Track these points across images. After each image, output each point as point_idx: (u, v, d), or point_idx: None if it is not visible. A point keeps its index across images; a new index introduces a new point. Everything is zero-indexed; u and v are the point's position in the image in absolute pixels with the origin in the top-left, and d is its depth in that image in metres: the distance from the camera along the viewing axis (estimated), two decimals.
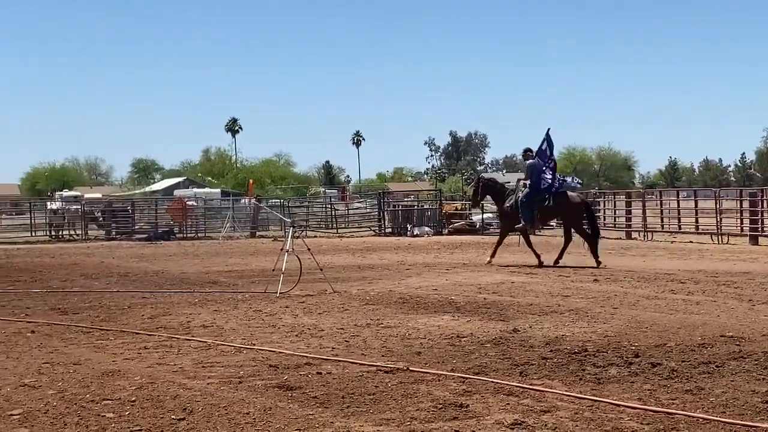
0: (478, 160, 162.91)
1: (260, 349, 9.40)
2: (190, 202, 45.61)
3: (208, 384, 7.68)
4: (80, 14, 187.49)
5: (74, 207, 42.94)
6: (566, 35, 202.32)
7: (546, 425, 6.27)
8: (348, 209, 51.21)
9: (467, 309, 12.56)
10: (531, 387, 7.43)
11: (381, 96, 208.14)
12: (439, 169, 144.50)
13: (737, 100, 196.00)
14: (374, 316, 11.93)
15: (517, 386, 7.45)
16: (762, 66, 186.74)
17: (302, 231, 19.86)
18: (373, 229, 41.97)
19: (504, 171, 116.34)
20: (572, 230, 20.85)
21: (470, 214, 40.14)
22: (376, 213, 43.58)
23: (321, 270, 15.84)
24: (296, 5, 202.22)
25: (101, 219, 42.55)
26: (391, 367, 8.30)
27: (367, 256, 24.84)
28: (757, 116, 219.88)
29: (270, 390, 7.43)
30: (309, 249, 16.04)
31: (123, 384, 7.70)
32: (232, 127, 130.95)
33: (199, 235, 41.39)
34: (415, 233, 37.66)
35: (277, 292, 14.55)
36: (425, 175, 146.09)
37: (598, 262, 19.47)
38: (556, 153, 21.27)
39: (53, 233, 40.76)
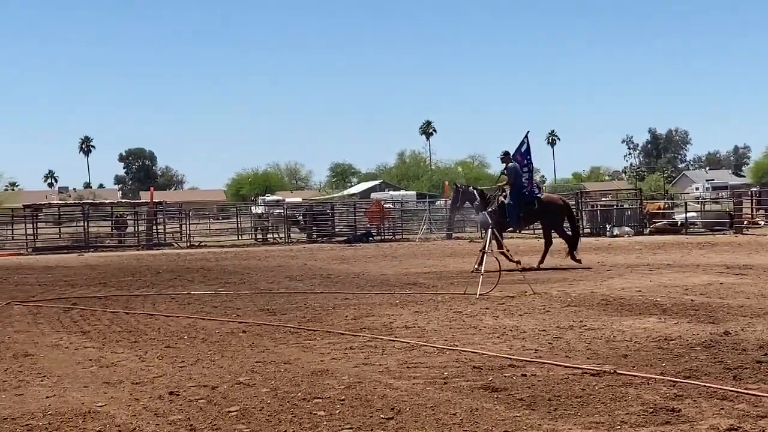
0: (679, 157, 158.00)
1: (463, 350, 9.43)
2: (387, 205, 46.28)
3: (413, 384, 7.77)
4: (285, 25, 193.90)
5: (277, 211, 44.43)
6: None
7: (764, 431, 6.00)
8: None
9: (674, 311, 12.18)
10: (746, 392, 7.13)
11: (575, 95, 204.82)
12: (638, 168, 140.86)
13: None
14: (577, 318, 11.75)
15: (731, 390, 7.16)
16: None
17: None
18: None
19: (707, 168, 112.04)
20: (553, 232, 21.05)
21: (673, 213, 38.87)
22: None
23: (520, 271, 15.72)
24: (485, 6, 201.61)
25: (302, 222, 43.79)
26: (597, 370, 8.15)
27: (566, 257, 24.44)
28: None
29: (475, 391, 7.45)
30: (507, 250, 15.95)
31: (332, 383, 7.90)
32: (427, 130, 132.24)
33: (396, 237, 41.95)
34: (614, 233, 36.80)
35: (476, 294, 14.55)
36: (623, 174, 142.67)
37: (578, 261, 19.93)
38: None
39: (258, 236, 42.33)
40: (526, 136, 20.68)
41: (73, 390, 7.97)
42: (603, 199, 50.21)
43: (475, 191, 21.21)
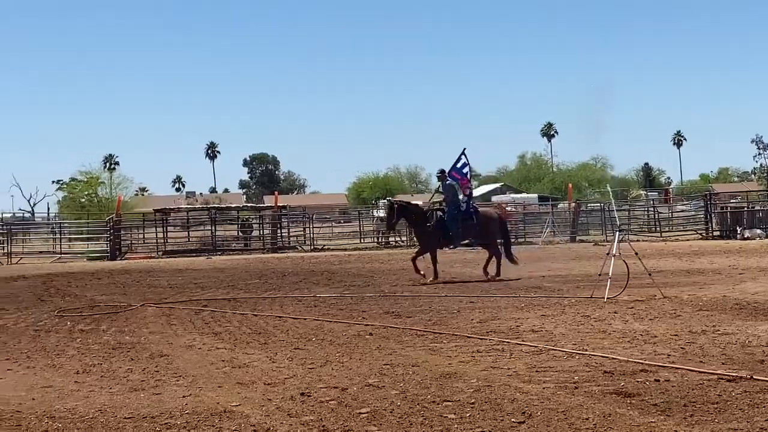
0: None
1: (593, 355, 9.29)
2: (508, 208, 45.97)
3: (543, 388, 7.70)
4: (404, 29, 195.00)
5: None
6: None
7: None
8: (671, 212, 49.49)
9: None
10: None
11: (702, 94, 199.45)
12: None
13: None
14: (709, 323, 11.45)
15: None
16: None
17: (625, 235, 19.39)
18: (699, 232, 40.21)
19: None
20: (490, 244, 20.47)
21: None
22: (702, 215, 41.72)
23: (649, 275, 15.40)
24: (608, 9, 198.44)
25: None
26: (733, 376, 7.93)
27: (696, 260, 23.90)
28: None
29: (607, 396, 7.33)
30: (636, 253, 15.64)
31: (461, 386, 7.89)
32: (548, 132, 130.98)
33: (518, 240, 41.62)
34: (745, 236, 35.71)
35: (604, 297, 14.33)
36: (752, 175, 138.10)
37: (496, 275, 19.67)
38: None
39: (380, 240, 42.59)
40: (463, 152, 20.36)
41: (208, 390, 8.17)
42: (732, 200, 48.80)
43: (410, 207, 20.86)
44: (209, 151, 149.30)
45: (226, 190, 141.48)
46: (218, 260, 34.67)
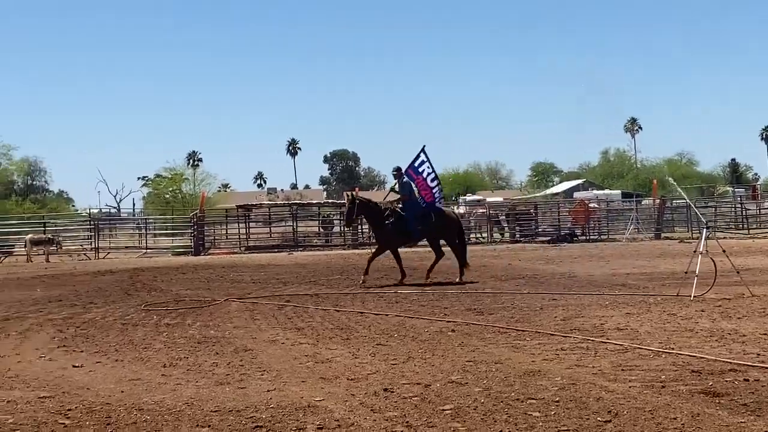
0: None
1: (680, 354, 9.13)
2: (592, 204, 45.48)
3: (629, 387, 7.58)
4: (486, 28, 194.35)
5: (480, 211, 44.46)
6: None
7: None
8: (759, 209, 48.39)
9: None
10: None
11: None
12: None
13: None
14: None
15: None
16: None
17: (711, 232, 19.01)
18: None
19: None
20: (441, 245, 20.21)
21: None
22: None
23: (737, 272, 15.08)
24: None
25: (506, 222, 43.64)
26: None
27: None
28: None
29: (695, 396, 7.19)
30: (724, 251, 15.32)
31: (545, 384, 7.82)
32: (631, 128, 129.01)
33: (601, 237, 41.18)
34: None
35: (690, 295, 14.07)
36: None
37: (461, 275, 19.37)
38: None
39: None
40: (422, 150, 19.87)
41: (292, 384, 8.23)
42: None
43: (370, 204, 20.12)
44: (290, 148, 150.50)
45: (306, 187, 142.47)
46: (300, 256, 34.98)
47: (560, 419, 6.59)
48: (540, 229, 42.89)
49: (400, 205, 19.69)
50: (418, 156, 19.98)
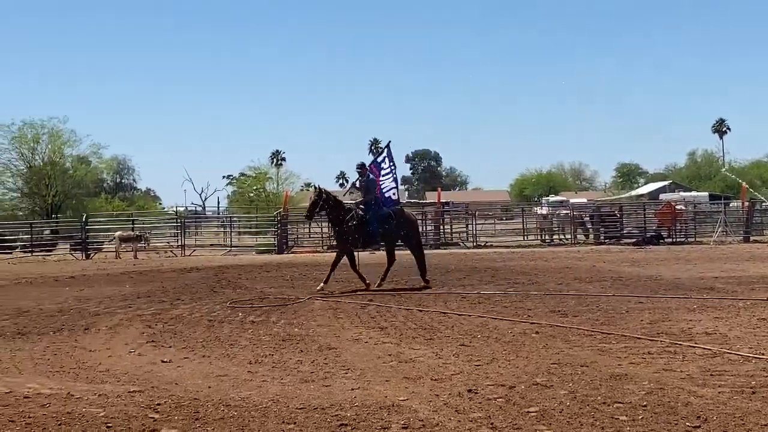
0: None
1: None
2: (678, 206, 44.69)
3: (719, 393, 7.44)
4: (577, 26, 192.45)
5: (563, 212, 44.05)
6: None
7: None
8: None
9: None
10: None
11: None
12: None
13: None
14: None
15: None
16: None
17: None
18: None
19: None
20: (395, 249, 19.79)
21: None
22: None
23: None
24: None
25: (590, 224, 43.14)
26: None
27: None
28: None
29: None
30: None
31: (631, 388, 7.72)
32: (720, 129, 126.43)
33: (688, 239, 40.43)
34: None
35: None
36: None
37: (426, 281, 19.09)
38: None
39: (544, 237, 42.16)
40: (387, 146, 19.35)
41: (376, 383, 8.27)
42: None
43: (334, 201, 18.97)
44: (372, 148, 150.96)
45: None
46: (382, 255, 34.99)
47: (648, 424, 6.51)
48: (625, 231, 42.25)
49: (362, 206, 19.07)
50: (381, 151, 19.89)
